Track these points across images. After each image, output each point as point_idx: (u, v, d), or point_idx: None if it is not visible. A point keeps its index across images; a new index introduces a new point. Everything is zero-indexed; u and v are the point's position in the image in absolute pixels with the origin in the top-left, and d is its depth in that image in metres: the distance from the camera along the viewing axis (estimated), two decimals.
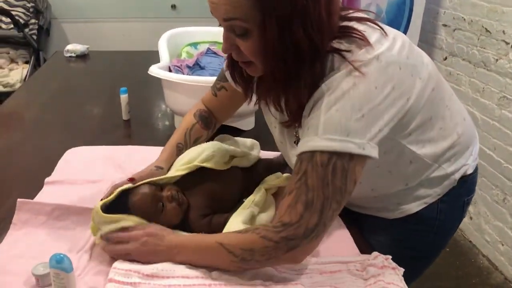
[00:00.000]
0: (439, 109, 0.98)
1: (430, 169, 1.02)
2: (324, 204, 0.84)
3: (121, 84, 1.83)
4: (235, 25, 0.84)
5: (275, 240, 0.85)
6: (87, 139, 1.60)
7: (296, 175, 0.86)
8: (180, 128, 1.23)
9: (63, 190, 1.23)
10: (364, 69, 0.83)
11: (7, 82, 3.52)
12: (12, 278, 0.92)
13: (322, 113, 0.84)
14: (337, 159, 0.83)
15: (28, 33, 3.47)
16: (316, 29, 0.82)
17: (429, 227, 1.11)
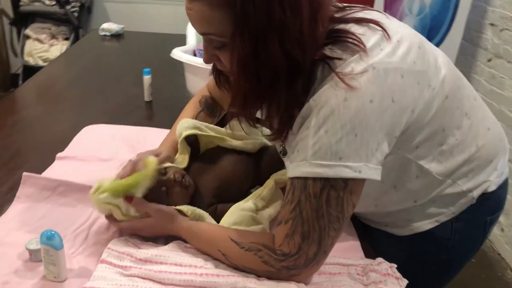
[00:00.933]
0: (455, 119, 0.89)
1: (441, 185, 0.93)
2: (322, 235, 0.80)
3: (149, 65, 1.82)
4: (212, 39, 0.79)
5: (277, 268, 0.83)
6: (108, 117, 1.60)
7: (290, 204, 0.81)
8: (185, 114, 1.19)
9: (72, 166, 1.24)
10: (355, 82, 0.74)
11: (46, 57, 3.61)
12: (8, 250, 0.92)
13: (310, 135, 0.77)
14: (330, 188, 0.77)
15: (69, 10, 3.53)
16: (296, 44, 0.74)
17: (441, 247, 1.01)
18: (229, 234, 0.89)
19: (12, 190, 1.13)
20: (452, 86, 0.87)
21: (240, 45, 0.74)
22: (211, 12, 0.74)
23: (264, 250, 0.84)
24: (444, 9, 2.77)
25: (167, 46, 2.15)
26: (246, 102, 0.82)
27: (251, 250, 0.85)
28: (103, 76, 2.08)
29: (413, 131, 0.83)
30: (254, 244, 0.85)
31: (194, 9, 0.76)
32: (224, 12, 0.73)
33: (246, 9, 0.71)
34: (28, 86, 1.95)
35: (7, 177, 1.21)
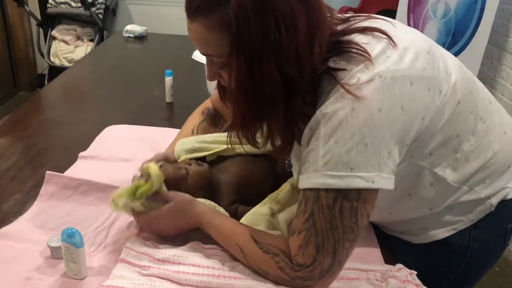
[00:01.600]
0: (469, 124, 0.87)
1: (457, 192, 0.91)
2: (336, 247, 0.79)
3: (171, 67, 1.84)
4: (213, 59, 0.81)
5: (291, 277, 0.82)
6: (130, 117, 1.62)
7: (303, 214, 0.80)
8: (187, 125, 1.19)
9: (94, 166, 1.25)
10: (362, 91, 0.73)
11: (71, 58, 3.67)
12: (30, 247, 0.94)
13: (320, 145, 0.76)
14: (343, 198, 0.76)
15: (94, 12, 3.59)
16: (293, 64, 0.74)
17: (459, 256, 0.99)
18: (250, 231, 0.89)
19: (35, 188, 1.16)
20: (465, 91, 0.86)
21: (236, 65, 0.75)
22: (209, 34, 0.75)
23: (281, 255, 0.83)
24: (469, 12, 2.73)
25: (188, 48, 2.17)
26: (244, 122, 0.82)
27: (269, 253, 0.84)
28: (126, 77, 2.10)
29: (426, 138, 0.82)
30: (272, 247, 0.84)
31: (193, 30, 0.78)
32: (222, 34, 0.74)
33: (242, 29, 0.72)
34: (53, 86, 1.99)
35: (31, 175, 1.24)
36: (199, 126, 1.18)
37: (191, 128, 1.18)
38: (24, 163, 1.30)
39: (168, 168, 1.00)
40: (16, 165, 1.28)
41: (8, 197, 1.13)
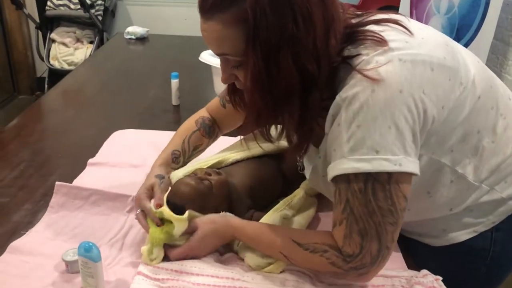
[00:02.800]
0: (490, 120, 0.85)
1: (477, 191, 0.89)
2: (379, 230, 0.77)
3: (175, 68, 1.81)
4: (228, 59, 0.80)
5: (345, 269, 0.81)
6: (136, 122, 1.60)
7: (339, 205, 0.79)
8: (178, 135, 1.15)
9: (104, 173, 1.23)
10: (381, 73, 0.72)
11: (71, 61, 3.64)
12: (44, 261, 0.91)
13: (343, 131, 0.75)
14: (374, 180, 0.75)
15: (93, 14, 3.55)
16: (311, 58, 0.73)
17: (481, 259, 0.96)
18: (290, 235, 0.87)
19: (45, 197, 1.13)
20: (484, 86, 0.85)
21: (253, 59, 0.74)
22: (225, 31, 0.74)
23: (331, 251, 0.81)
24: (474, 8, 2.70)
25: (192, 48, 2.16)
26: (259, 118, 0.82)
27: (317, 252, 0.82)
28: (129, 80, 2.08)
29: (446, 132, 0.80)
30: (319, 245, 0.82)
31: (208, 30, 0.76)
32: (238, 30, 0.73)
33: (259, 24, 0.71)
34: (56, 91, 1.95)
35: (40, 183, 1.21)
36: (191, 137, 1.14)
37: (182, 139, 1.13)
38: (32, 171, 1.27)
39: (190, 182, 0.97)
40: (24, 173, 1.26)
41: (19, 207, 1.10)
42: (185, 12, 3.86)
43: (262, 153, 1.15)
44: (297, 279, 0.88)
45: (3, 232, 1.01)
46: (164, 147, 1.13)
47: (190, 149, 1.13)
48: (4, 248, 0.94)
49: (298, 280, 0.87)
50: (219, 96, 1.17)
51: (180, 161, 1.11)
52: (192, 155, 1.14)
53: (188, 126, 1.16)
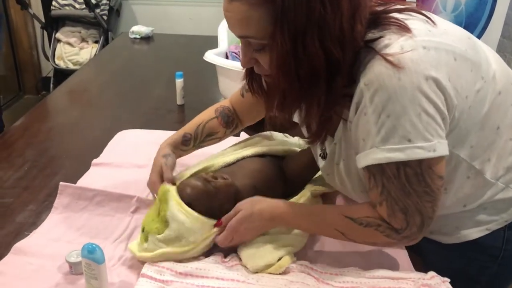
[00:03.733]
0: (509, 117, 0.85)
1: (492, 188, 0.89)
2: (418, 207, 0.79)
3: (180, 68, 1.80)
4: (250, 42, 0.79)
5: (398, 239, 0.85)
6: (140, 121, 1.59)
7: (376, 188, 0.80)
8: (194, 120, 1.15)
9: (108, 173, 1.22)
10: (406, 60, 0.71)
11: (76, 61, 3.64)
12: (48, 263, 0.91)
13: (372, 122, 0.75)
14: (405, 166, 0.76)
15: (98, 14, 3.55)
16: (336, 42, 0.73)
17: (492, 258, 0.96)
18: (341, 211, 0.88)
19: (49, 197, 1.13)
20: (505, 82, 0.85)
21: (280, 42, 0.73)
22: (251, 12, 0.73)
23: (384, 224, 0.84)
24: (480, 5, 2.67)
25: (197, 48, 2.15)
26: (285, 102, 0.82)
27: (371, 226, 0.84)
28: (134, 80, 2.07)
29: (468, 127, 0.80)
30: (371, 219, 0.84)
31: (233, 11, 0.75)
32: (264, 11, 0.72)
33: (286, 5, 0.71)
34: (61, 91, 1.95)
35: (44, 184, 1.21)
36: (207, 123, 1.14)
37: (198, 124, 1.13)
38: (36, 172, 1.27)
39: (197, 183, 0.96)
40: (29, 174, 1.25)
41: (23, 208, 1.10)
42: (190, 11, 3.86)
43: (266, 152, 1.14)
44: (302, 280, 0.87)
45: (7, 233, 1.01)
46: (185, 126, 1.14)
47: (203, 135, 1.13)
48: (8, 249, 0.94)
49: (303, 282, 0.86)
50: (241, 87, 1.16)
51: (190, 145, 1.12)
52: (205, 141, 1.14)
53: (207, 113, 1.17)
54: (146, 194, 1.12)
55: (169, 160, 1.04)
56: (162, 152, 1.07)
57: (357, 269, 0.92)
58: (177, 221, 0.90)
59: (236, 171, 1.06)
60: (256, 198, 0.93)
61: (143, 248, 0.92)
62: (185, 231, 0.90)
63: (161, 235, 0.90)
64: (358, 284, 0.88)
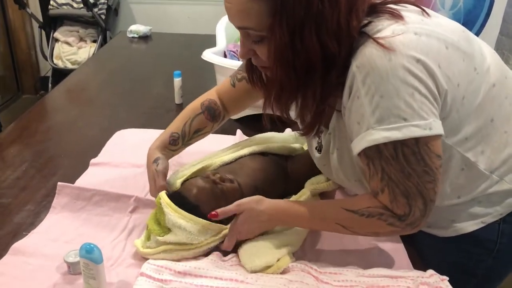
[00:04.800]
0: (504, 109, 0.86)
1: (487, 181, 0.89)
2: (419, 189, 0.79)
3: (178, 67, 1.80)
4: (250, 33, 0.80)
5: (402, 227, 0.84)
6: (139, 121, 1.59)
7: (376, 174, 0.80)
8: (180, 117, 1.14)
9: (106, 173, 1.22)
10: (397, 43, 0.72)
11: (75, 60, 3.64)
12: (46, 263, 0.91)
13: (366, 104, 0.75)
14: (402, 145, 0.76)
15: (96, 13, 3.54)
16: (333, 36, 0.74)
17: (487, 251, 0.97)
18: (340, 205, 0.88)
19: (47, 197, 1.13)
20: (499, 76, 0.85)
21: (278, 35, 0.75)
22: (251, 3, 0.75)
23: (386, 212, 0.83)
24: (479, 3, 2.67)
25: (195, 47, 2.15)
26: (282, 93, 0.83)
27: (373, 216, 0.84)
28: (132, 79, 2.07)
29: (461, 117, 0.81)
30: (373, 209, 0.84)
31: (233, 2, 0.77)
32: (264, 3, 0.74)
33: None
34: (59, 90, 1.95)
35: (42, 184, 1.20)
36: (193, 120, 1.12)
37: (184, 121, 1.12)
38: (34, 172, 1.26)
39: (205, 184, 0.96)
40: (27, 174, 1.25)
41: (21, 208, 1.09)
42: (188, 10, 3.85)
43: (265, 150, 1.14)
44: (301, 280, 0.87)
45: (5, 234, 1.00)
46: (168, 126, 1.13)
47: (191, 132, 1.12)
48: (6, 250, 0.94)
49: (302, 281, 0.86)
50: (230, 76, 1.16)
51: (179, 143, 1.11)
52: (193, 138, 1.13)
53: (192, 108, 1.16)
54: (145, 193, 1.12)
55: (159, 165, 1.03)
56: (151, 157, 1.06)
57: (356, 268, 0.92)
58: (178, 227, 0.90)
59: (237, 170, 1.06)
60: (256, 198, 0.93)
61: (146, 245, 0.93)
62: (188, 236, 0.90)
63: (163, 238, 0.91)
64: (357, 283, 0.88)
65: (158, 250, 0.91)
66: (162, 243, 0.91)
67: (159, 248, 0.91)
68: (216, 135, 1.43)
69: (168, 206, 0.92)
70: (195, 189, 0.97)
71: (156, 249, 0.91)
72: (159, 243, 0.92)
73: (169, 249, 0.91)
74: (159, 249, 0.91)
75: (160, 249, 0.91)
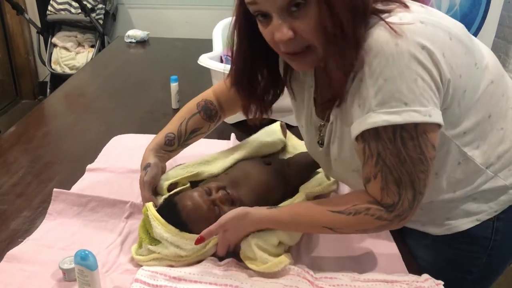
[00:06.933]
0: (500, 106, 0.88)
1: (482, 176, 0.90)
2: (412, 178, 0.80)
3: (175, 72, 1.81)
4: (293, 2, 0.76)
5: (389, 219, 0.83)
6: (136, 126, 1.59)
7: (371, 159, 0.80)
8: (176, 117, 1.14)
9: (103, 178, 1.22)
10: (404, 29, 0.74)
11: (73, 65, 3.64)
12: (41, 269, 0.91)
13: (369, 86, 0.76)
14: (401, 130, 0.76)
15: (94, 18, 3.55)
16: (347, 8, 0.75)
17: (482, 248, 0.97)
18: (327, 208, 0.87)
19: (43, 204, 1.13)
20: (497, 73, 0.87)
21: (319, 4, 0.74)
22: None
23: (373, 206, 0.83)
24: (475, 6, 2.68)
25: (192, 51, 2.16)
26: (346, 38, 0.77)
27: (360, 212, 0.84)
28: (130, 84, 2.07)
29: (461, 110, 0.82)
30: (359, 206, 0.84)
31: None
32: None
33: None
34: (57, 95, 1.95)
35: (38, 190, 1.21)
36: (189, 120, 1.12)
37: (180, 122, 1.12)
38: (31, 178, 1.26)
39: (202, 205, 0.94)
40: (23, 180, 1.25)
41: (17, 214, 1.10)
42: (185, 14, 3.86)
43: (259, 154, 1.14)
44: (296, 285, 0.87)
45: (0, 240, 1.00)
46: (164, 127, 1.13)
47: (187, 132, 1.12)
48: (1, 257, 0.94)
49: (297, 286, 0.86)
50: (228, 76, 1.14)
51: (175, 144, 1.11)
52: (190, 138, 1.13)
53: (189, 108, 1.15)
54: (140, 199, 1.12)
55: (147, 175, 1.02)
56: (144, 161, 1.06)
57: (352, 273, 0.92)
58: (166, 240, 0.91)
59: (241, 181, 1.04)
60: (239, 214, 0.91)
61: (138, 252, 0.94)
62: (176, 250, 0.91)
63: (153, 248, 0.92)
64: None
65: (149, 258, 0.92)
66: (153, 252, 0.92)
67: (150, 256, 0.92)
68: (211, 140, 1.44)
69: (155, 219, 0.92)
70: (189, 206, 0.94)
71: (148, 256, 0.92)
72: (150, 252, 0.92)
73: (160, 257, 0.91)
74: (150, 257, 0.92)
75: (151, 257, 0.92)
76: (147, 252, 0.93)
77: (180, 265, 0.92)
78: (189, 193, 0.97)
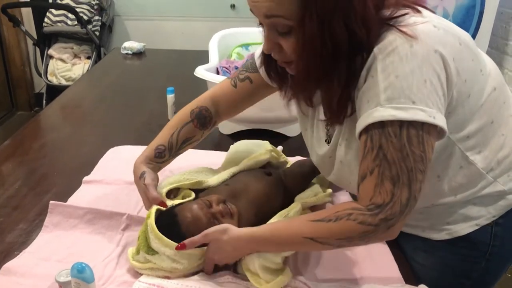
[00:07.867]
0: (502, 113, 0.90)
1: (482, 181, 0.92)
2: (410, 177, 0.78)
3: (171, 83, 1.81)
4: (277, 23, 0.81)
5: (375, 224, 0.79)
6: (132, 137, 1.59)
7: (371, 152, 0.79)
8: (168, 127, 1.12)
9: (99, 190, 1.22)
10: (418, 32, 0.76)
11: (69, 77, 3.64)
12: (37, 283, 0.90)
13: (380, 81, 0.77)
14: (409, 125, 0.77)
15: (91, 30, 3.56)
16: (361, 24, 0.77)
17: (481, 253, 0.98)
18: (307, 218, 0.85)
19: (40, 216, 1.12)
20: (499, 81, 0.89)
21: (308, 26, 0.77)
22: None
23: (355, 211, 0.80)
24: (468, 17, 2.71)
25: (188, 63, 2.17)
26: (308, 83, 0.85)
27: (341, 218, 0.80)
28: (126, 95, 2.08)
29: (466, 115, 0.84)
30: (340, 212, 0.81)
31: None
32: None
33: None
34: (53, 107, 1.96)
35: (35, 202, 1.20)
36: (181, 130, 1.10)
37: (171, 133, 1.11)
38: (27, 190, 1.26)
39: (202, 218, 0.94)
40: (19, 193, 1.25)
41: (13, 227, 1.09)
42: (182, 26, 3.88)
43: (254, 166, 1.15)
44: None
45: None
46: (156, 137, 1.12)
47: (178, 143, 1.10)
48: None
49: None
50: (229, 77, 1.15)
51: (166, 156, 1.09)
52: (182, 148, 1.12)
53: (181, 117, 1.14)
54: (137, 211, 1.12)
55: (146, 178, 1.02)
56: (137, 172, 1.06)
57: (349, 283, 0.92)
58: (163, 253, 0.91)
59: (242, 193, 1.04)
60: (222, 228, 0.89)
61: (135, 258, 0.94)
62: (172, 263, 0.91)
63: (150, 257, 0.92)
64: None
65: (146, 266, 0.92)
66: (149, 261, 0.92)
67: (146, 265, 0.92)
68: (208, 151, 1.44)
69: (152, 231, 0.92)
70: (189, 218, 0.94)
71: (144, 264, 0.92)
72: (147, 260, 0.92)
73: (156, 267, 0.91)
74: (146, 266, 0.92)
75: (147, 266, 0.92)
76: (143, 259, 0.92)
77: (176, 276, 0.92)
78: (189, 205, 0.97)
